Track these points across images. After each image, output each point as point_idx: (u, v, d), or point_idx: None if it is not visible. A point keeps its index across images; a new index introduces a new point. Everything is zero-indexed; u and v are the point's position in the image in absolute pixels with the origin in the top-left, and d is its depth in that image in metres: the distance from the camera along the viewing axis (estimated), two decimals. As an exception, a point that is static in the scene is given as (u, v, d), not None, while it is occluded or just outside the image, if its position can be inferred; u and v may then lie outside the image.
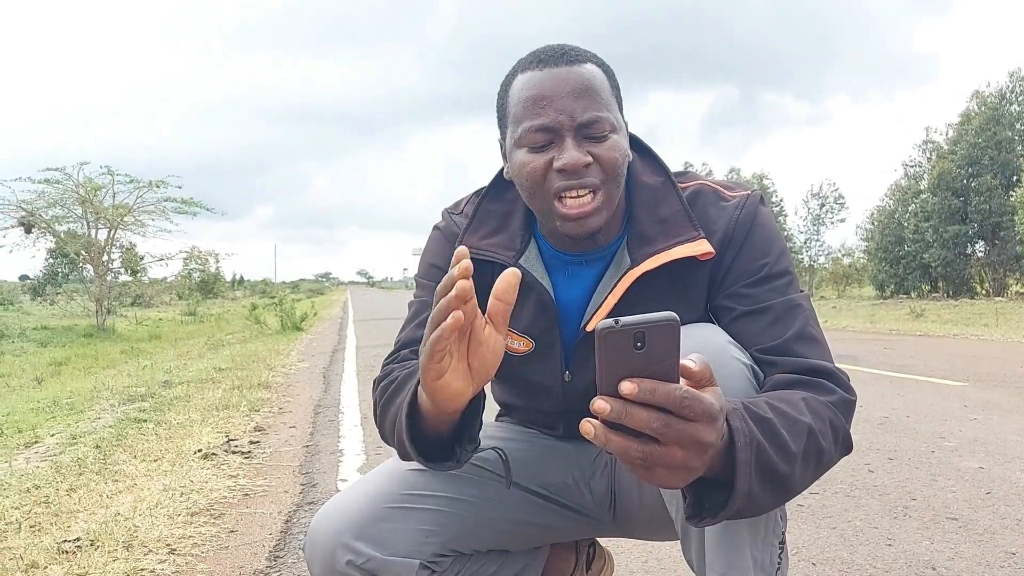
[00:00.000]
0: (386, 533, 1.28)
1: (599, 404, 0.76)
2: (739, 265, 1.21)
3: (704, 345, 1.10)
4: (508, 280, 0.97)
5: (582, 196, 1.16)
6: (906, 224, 28.55)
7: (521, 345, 1.35)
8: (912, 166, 30.03)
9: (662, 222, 1.24)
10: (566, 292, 1.32)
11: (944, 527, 2.63)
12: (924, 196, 27.72)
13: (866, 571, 2.24)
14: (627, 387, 0.75)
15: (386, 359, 1.37)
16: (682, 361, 0.79)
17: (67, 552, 2.38)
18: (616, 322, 0.75)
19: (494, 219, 1.35)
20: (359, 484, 1.38)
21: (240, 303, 29.15)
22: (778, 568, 1.12)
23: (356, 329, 14.92)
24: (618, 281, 1.25)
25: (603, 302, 1.26)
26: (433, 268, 1.40)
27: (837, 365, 1.12)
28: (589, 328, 1.27)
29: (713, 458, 0.83)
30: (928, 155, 29.22)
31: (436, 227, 1.43)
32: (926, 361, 8.28)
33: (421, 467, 1.37)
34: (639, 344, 0.75)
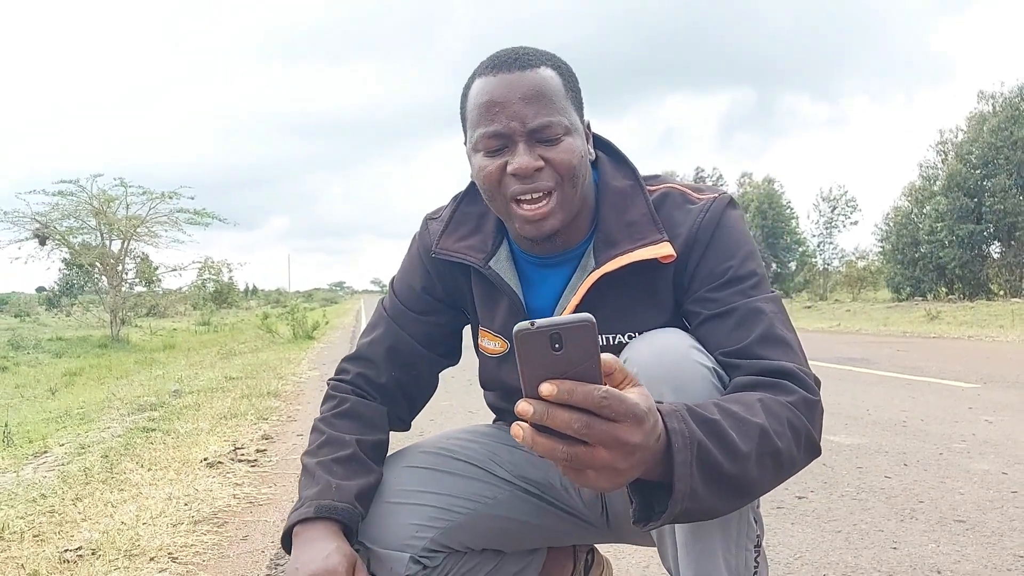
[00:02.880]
0: (378, 526, 1.30)
1: (522, 406, 0.77)
2: (704, 269, 1.20)
3: (664, 350, 1.10)
4: None
5: (536, 198, 1.18)
6: (921, 225, 28.38)
7: (496, 346, 1.39)
8: (927, 167, 29.87)
9: (628, 225, 1.25)
10: (536, 294, 1.34)
11: (951, 529, 2.60)
12: (939, 197, 27.55)
13: (871, 575, 2.22)
14: (546, 388, 0.76)
15: (344, 359, 1.45)
16: (604, 360, 0.79)
17: (68, 561, 2.38)
18: (532, 324, 0.76)
19: (471, 221, 1.38)
20: None
21: (254, 313, 29.27)
22: (755, 572, 1.12)
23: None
24: (581, 283, 1.26)
25: (568, 304, 1.27)
26: (409, 289, 1.45)
27: (803, 368, 1.10)
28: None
29: (648, 460, 0.83)
30: (943, 156, 29.05)
31: (416, 238, 1.46)
32: (939, 363, 8.21)
33: (416, 464, 1.39)
34: (557, 345, 0.76)
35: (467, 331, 1.49)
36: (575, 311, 1.25)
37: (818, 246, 42.27)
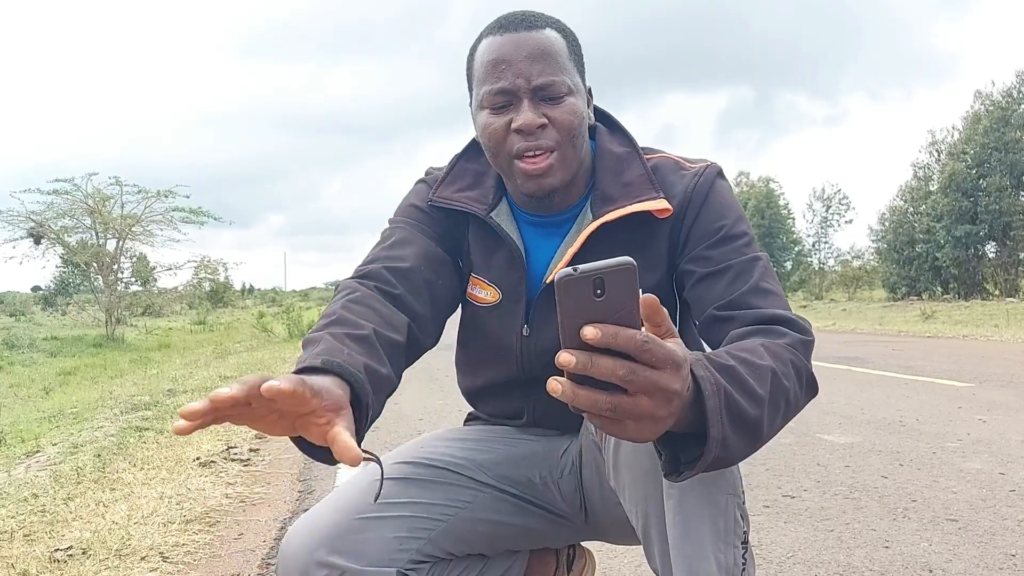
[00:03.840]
0: (360, 544, 1.25)
1: (564, 357, 0.75)
2: (698, 228, 1.25)
3: None
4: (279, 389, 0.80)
5: (539, 155, 1.21)
6: (917, 225, 28.43)
7: (489, 295, 1.39)
8: (921, 167, 29.93)
9: (625, 185, 1.30)
10: (534, 252, 1.37)
11: (943, 528, 2.60)
12: (934, 197, 27.60)
13: (862, 573, 2.22)
14: (590, 332, 0.74)
15: (357, 268, 1.31)
16: (650, 304, 0.78)
17: (59, 561, 2.37)
18: (575, 270, 0.74)
19: (469, 176, 1.41)
20: (329, 499, 1.34)
21: (250, 312, 29.23)
22: (743, 569, 1.11)
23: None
24: (580, 234, 1.30)
25: (566, 254, 1.30)
26: (412, 207, 1.41)
27: (794, 313, 1.14)
28: (548, 279, 1.32)
29: (681, 408, 0.82)
30: (936, 156, 29.10)
31: (420, 180, 1.48)
32: (934, 362, 8.22)
33: (392, 476, 1.36)
34: (599, 291, 0.74)
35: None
36: (572, 261, 1.26)
37: (813, 245, 42.37)
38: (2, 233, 16.95)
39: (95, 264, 17.76)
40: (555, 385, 0.77)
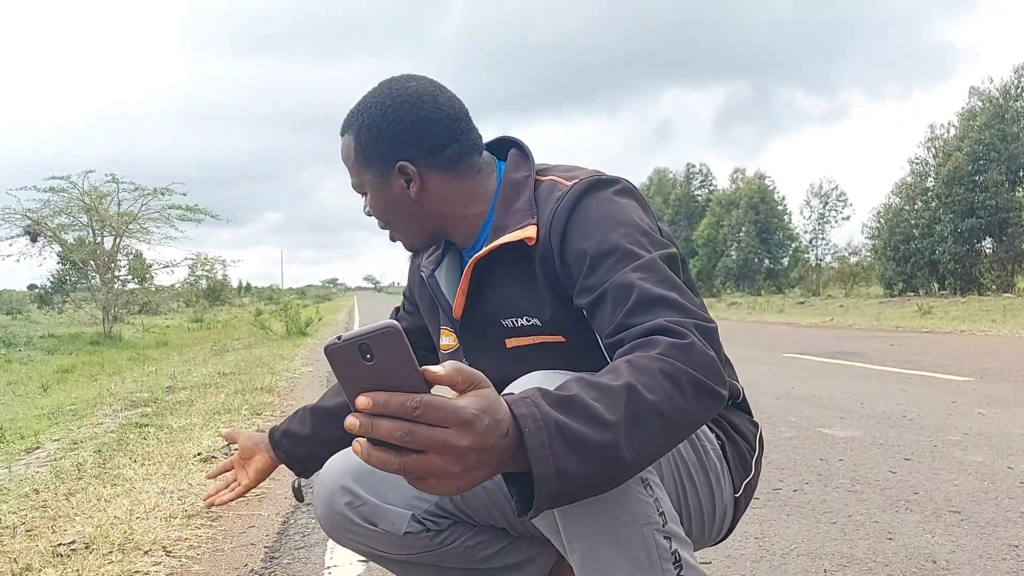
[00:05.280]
0: (384, 483, 1.38)
1: (349, 421, 0.78)
2: (568, 256, 1.20)
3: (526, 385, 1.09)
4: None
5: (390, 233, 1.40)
6: (914, 221, 28.45)
7: (451, 340, 1.46)
8: (918, 163, 29.95)
9: (514, 213, 1.30)
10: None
11: (946, 520, 2.60)
12: (932, 192, 27.63)
13: (866, 565, 2.22)
14: (360, 401, 0.77)
15: None
16: (431, 368, 0.79)
17: (61, 555, 2.37)
18: (339, 338, 0.77)
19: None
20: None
21: (247, 309, 29.19)
22: None
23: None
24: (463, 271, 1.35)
25: (456, 292, 1.36)
26: (406, 288, 1.66)
27: (677, 318, 1.04)
28: (455, 314, 1.40)
29: (492, 459, 0.82)
30: (934, 152, 29.13)
31: None
32: (932, 357, 8.23)
33: None
34: (368, 356, 0.76)
35: None
36: (465, 298, 1.34)
37: (811, 242, 42.40)
38: (-1, 231, 16.75)
39: (92, 262, 17.72)
40: (356, 446, 0.80)
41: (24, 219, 16.76)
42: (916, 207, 28.79)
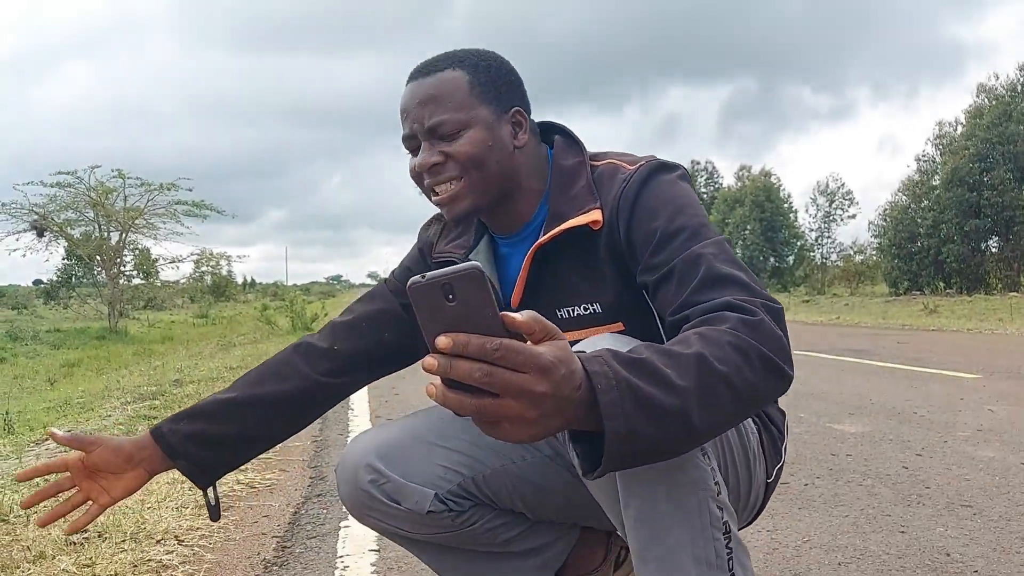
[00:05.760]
0: (409, 461, 1.39)
1: (427, 361, 0.79)
2: (636, 236, 1.22)
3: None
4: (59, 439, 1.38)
5: (444, 187, 1.29)
6: (919, 220, 28.38)
7: None
8: (925, 160, 29.88)
9: (572, 198, 1.31)
10: (508, 273, 1.41)
11: (958, 514, 2.59)
12: (938, 191, 27.56)
13: (879, 557, 2.21)
14: (441, 341, 0.78)
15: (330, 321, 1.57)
16: (511, 314, 0.80)
17: (75, 543, 2.37)
18: (423, 277, 0.77)
19: (461, 223, 1.46)
20: (396, 420, 1.51)
21: (251, 305, 29.23)
22: (729, 557, 1.07)
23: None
24: (525, 258, 1.33)
25: (518, 281, 1.35)
26: (403, 268, 1.58)
27: (747, 297, 1.05)
28: (513, 303, 1.37)
29: (567, 410, 0.83)
30: (941, 150, 29.06)
31: (418, 235, 1.59)
32: (940, 355, 8.22)
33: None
34: (450, 296, 0.77)
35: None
36: (524, 287, 1.33)
37: (816, 240, 42.31)
38: (5, 226, 16.78)
39: (99, 257, 17.76)
40: (430, 388, 0.80)
41: (31, 214, 16.81)
42: (923, 205, 28.72)
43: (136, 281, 20.91)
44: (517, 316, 0.80)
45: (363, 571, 2.20)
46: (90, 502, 1.40)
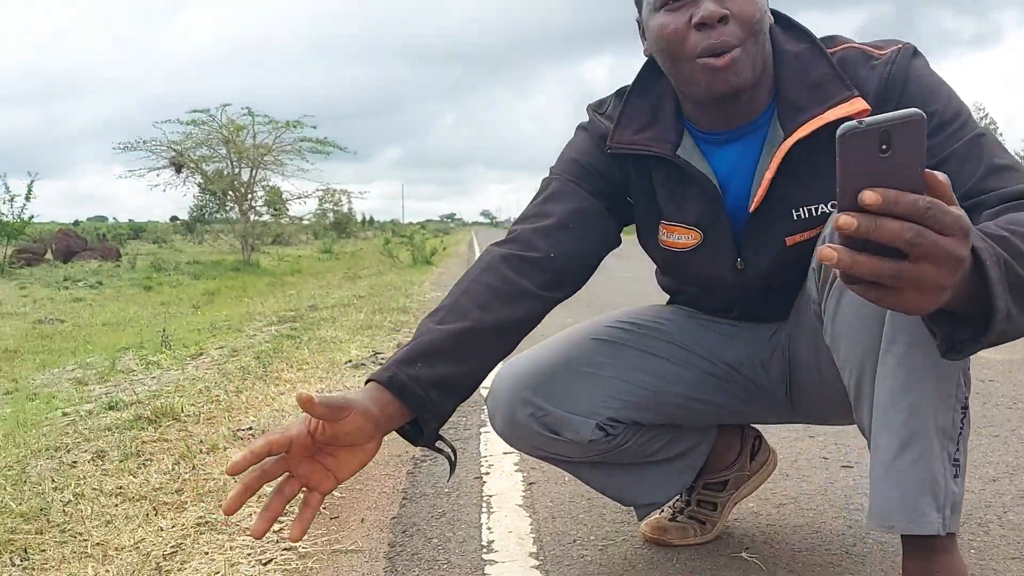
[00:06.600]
0: (566, 392, 1.37)
1: (844, 219, 0.72)
2: None
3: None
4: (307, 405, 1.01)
5: (723, 52, 1.14)
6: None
7: (689, 239, 1.33)
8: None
9: (812, 87, 1.20)
10: (728, 179, 1.29)
11: (1120, 438, 2.48)
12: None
13: (1033, 475, 2.15)
14: (869, 196, 0.70)
15: (511, 227, 1.40)
16: (935, 173, 0.74)
17: (241, 438, 2.57)
18: (860, 122, 0.70)
19: (644, 113, 1.32)
20: (543, 346, 1.46)
21: (371, 242, 30.09)
22: (960, 432, 1.08)
23: (485, 262, 15.12)
24: (773, 154, 1.21)
25: (763, 179, 1.23)
26: (573, 162, 1.37)
27: None
28: (753, 208, 1.26)
29: (962, 278, 0.78)
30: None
31: (582, 126, 1.41)
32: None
33: (603, 338, 1.44)
34: (884, 147, 0.70)
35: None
36: (770, 185, 1.22)
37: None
38: (146, 162, 17.67)
39: (231, 192, 18.56)
40: (830, 252, 0.74)
41: (169, 151, 17.64)
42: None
43: (265, 217, 21.78)
44: (938, 174, 0.75)
45: (507, 468, 2.30)
46: (304, 491, 1.07)
